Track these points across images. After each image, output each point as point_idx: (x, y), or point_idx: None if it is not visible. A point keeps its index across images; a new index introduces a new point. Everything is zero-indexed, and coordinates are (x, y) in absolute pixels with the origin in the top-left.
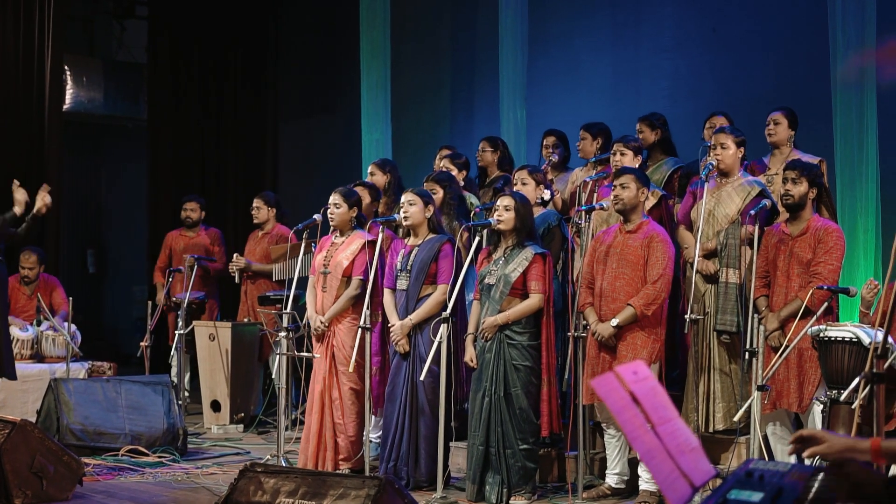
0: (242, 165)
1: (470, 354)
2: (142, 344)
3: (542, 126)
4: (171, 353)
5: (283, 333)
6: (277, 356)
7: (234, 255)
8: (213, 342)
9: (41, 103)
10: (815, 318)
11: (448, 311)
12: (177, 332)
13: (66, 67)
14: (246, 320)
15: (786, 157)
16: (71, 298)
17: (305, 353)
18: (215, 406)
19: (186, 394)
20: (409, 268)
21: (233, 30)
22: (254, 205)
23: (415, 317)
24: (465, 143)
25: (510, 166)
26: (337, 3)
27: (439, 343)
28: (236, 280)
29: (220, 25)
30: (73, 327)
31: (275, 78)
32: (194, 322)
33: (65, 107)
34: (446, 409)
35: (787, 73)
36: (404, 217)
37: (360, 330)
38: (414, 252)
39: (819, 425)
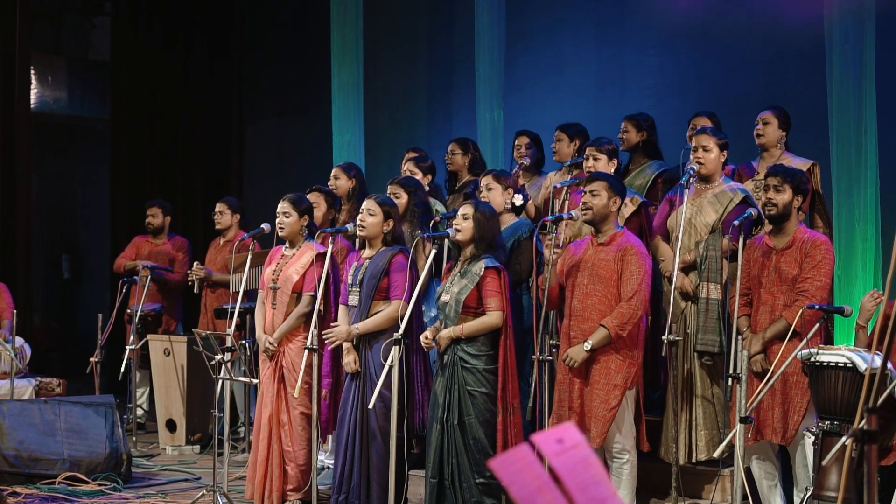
0: (207, 169)
1: (428, 334)
2: (92, 359)
3: (521, 127)
4: (121, 369)
5: (218, 356)
6: (217, 381)
7: (195, 263)
8: (168, 357)
9: (10, 103)
10: (805, 340)
11: (401, 331)
12: (127, 347)
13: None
14: (203, 334)
15: (776, 161)
16: (15, 311)
17: (243, 378)
18: (171, 426)
19: (142, 412)
20: (359, 282)
21: (198, 26)
22: (216, 209)
23: (362, 326)
24: (442, 146)
25: (482, 170)
26: None
27: (390, 367)
28: (195, 290)
29: (186, 22)
30: (21, 340)
31: (241, 76)
32: (148, 336)
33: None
34: (401, 436)
35: (779, 69)
36: (360, 227)
37: (306, 351)
38: (365, 265)
39: (810, 458)
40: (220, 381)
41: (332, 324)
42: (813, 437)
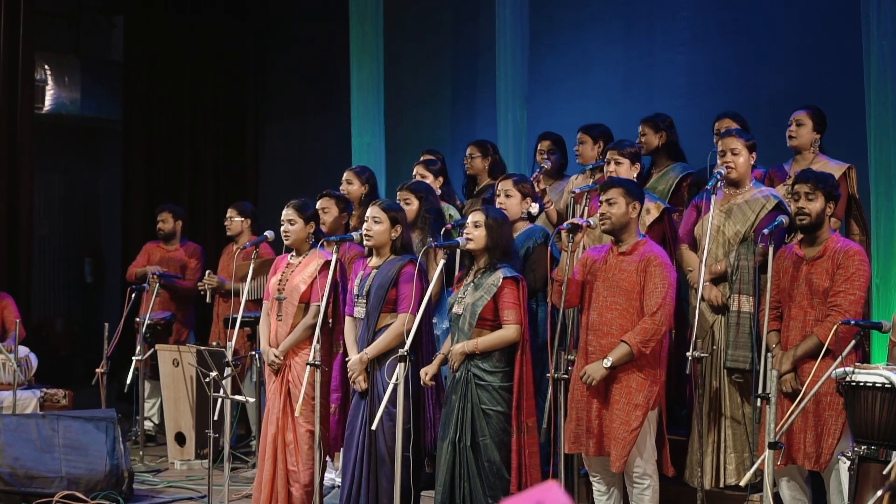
0: (222, 172)
1: (428, 371)
2: (97, 370)
3: (546, 128)
4: (127, 380)
5: (213, 373)
6: (214, 399)
7: (207, 272)
8: (177, 368)
9: (14, 104)
10: (839, 359)
11: (407, 346)
12: (133, 358)
13: (46, 67)
14: (215, 343)
15: (809, 164)
16: (18, 321)
17: (239, 397)
18: (180, 439)
19: (152, 424)
20: (366, 293)
21: (214, 25)
22: (227, 215)
23: (371, 350)
24: (466, 148)
25: (503, 173)
26: None
27: (395, 385)
28: (208, 299)
29: (201, 21)
30: (26, 350)
31: (258, 76)
32: (157, 346)
33: (45, 108)
34: (408, 456)
35: (815, 66)
36: (366, 236)
37: (308, 367)
38: (372, 275)
39: (846, 484)
40: (218, 400)
41: (346, 358)
42: (848, 463)
